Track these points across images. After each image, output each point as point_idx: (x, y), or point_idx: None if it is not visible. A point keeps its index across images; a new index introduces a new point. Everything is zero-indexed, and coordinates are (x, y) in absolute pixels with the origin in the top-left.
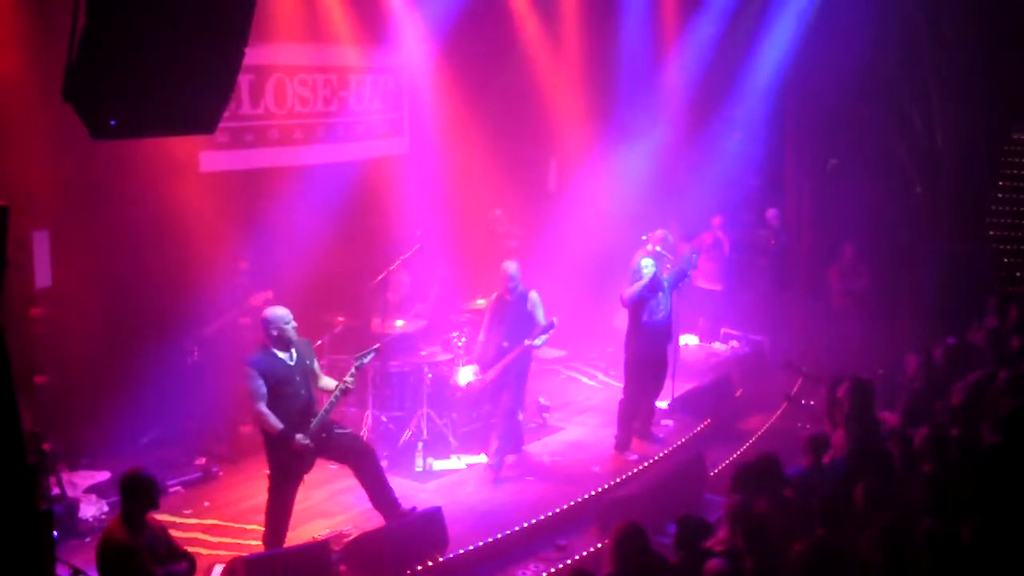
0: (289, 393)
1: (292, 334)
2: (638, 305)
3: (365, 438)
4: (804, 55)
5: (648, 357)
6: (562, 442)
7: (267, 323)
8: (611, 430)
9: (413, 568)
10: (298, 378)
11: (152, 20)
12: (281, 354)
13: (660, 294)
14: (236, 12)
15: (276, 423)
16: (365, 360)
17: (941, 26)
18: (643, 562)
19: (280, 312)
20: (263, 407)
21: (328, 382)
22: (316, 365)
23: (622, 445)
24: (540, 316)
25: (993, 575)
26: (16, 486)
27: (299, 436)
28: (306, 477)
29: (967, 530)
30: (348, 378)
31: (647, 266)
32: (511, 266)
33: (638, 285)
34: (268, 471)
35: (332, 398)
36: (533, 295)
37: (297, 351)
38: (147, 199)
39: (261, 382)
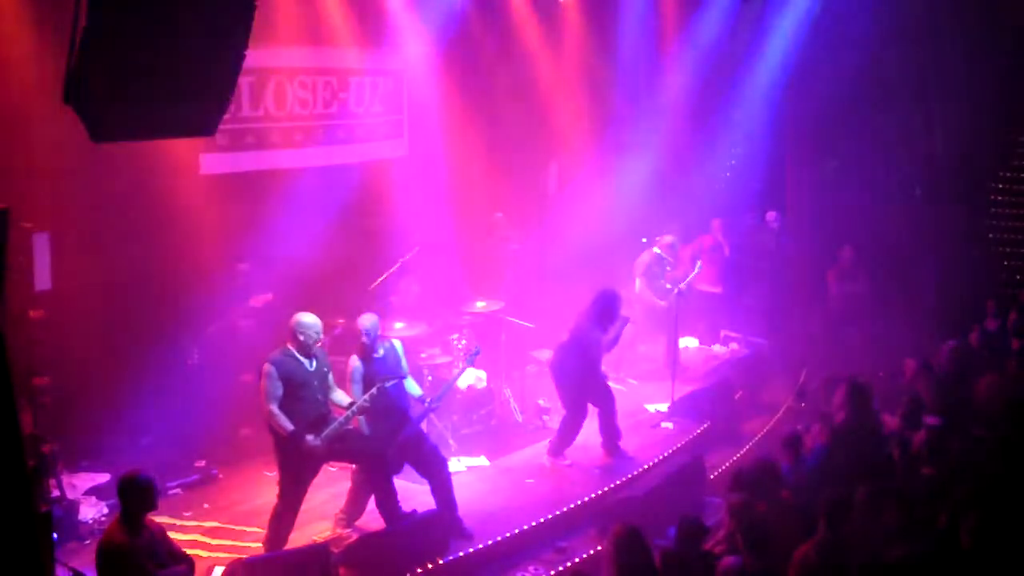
0: (305, 398)
1: (317, 340)
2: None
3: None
4: (805, 56)
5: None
6: None
7: (299, 327)
8: None
9: (413, 570)
10: (316, 383)
11: (152, 22)
12: (302, 359)
13: None
14: (236, 14)
15: (287, 423)
16: (388, 385)
17: (941, 30)
18: (641, 565)
19: (312, 319)
20: (275, 407)
21: (341, 396)
22: (331, 377)
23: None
24: (405, 366)
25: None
26: (15, 488)
27: (309, 437)
28: None
29: (966, 531)
30: (367, 397)
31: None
32: (368, 319)
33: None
34: (277, 476)
35: (349, 413)
36: (398, 345)
37: (317, 359)
38: (147, 201)
39: (279, 383)
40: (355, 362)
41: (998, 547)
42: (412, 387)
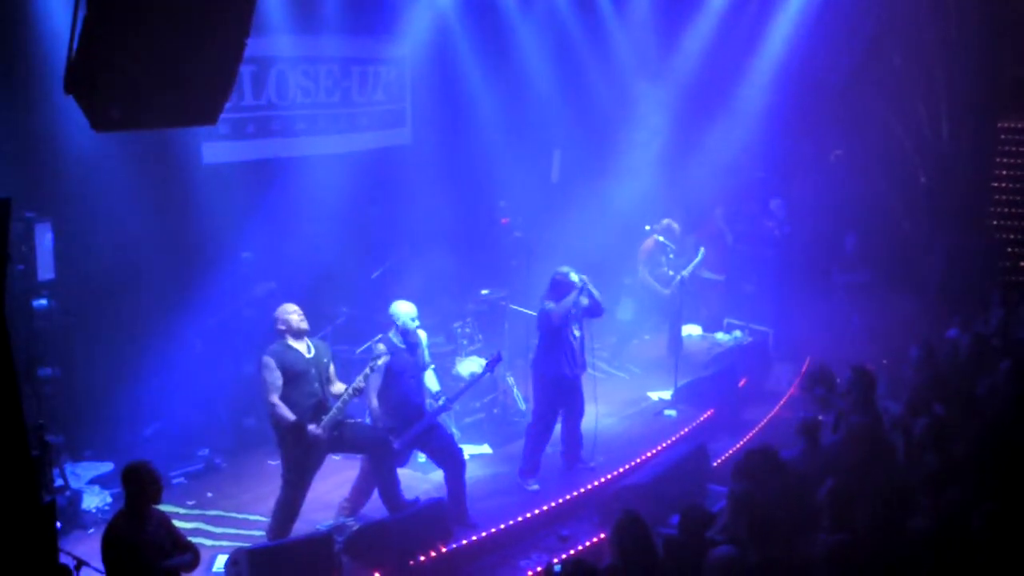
0: (304, 386)
1: (301, 324)
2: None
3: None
4: (809, 44)
5: (561, 376)
6: None
7: (277, 319)
8: (615, 419)
9: (416, 559)
10: (313, 371)
11: (153, 11)
12: (297, 345)
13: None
14: (238, 3)
15: (289, 414)
16: (378, 364)
17: (945, 16)
18: (643, 552)
19: (283, 306)
20: (276, 399)
21: (341, 387)
22: (332, 368)
23: (525, 472)
24: (427, 357)
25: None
26: (19, 478)
27: (311, 427)
28: None
29: (977, 519)
30: (360, 379)
31: (577, 280)
32: (406, 307)
33: (570, 299)
34: (282, 467)
35: (344, 396)
36: (423, 335)
37: (314, 345)
38: (149, 190)
39: (278, 373)
40: (380, 348)
41: (1011, 537)
42: (431, 381)
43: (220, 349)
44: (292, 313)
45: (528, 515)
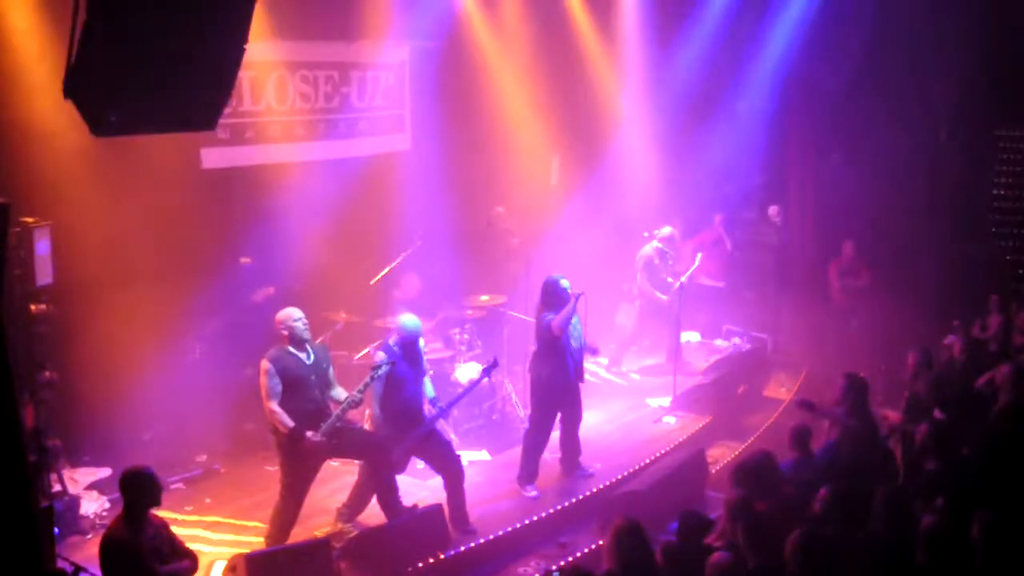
0: (303, 393)
1: (304, 333)
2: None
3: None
4: (807, 50)
5: (560, 383)
6: None
7: (281, 324)
8: (614, 426)
9: (414, 565)
10: (313, 378)
11: (152, 16)
12: (298, 353)
13: (575, 318)
14: (237, 8)
15: (288, 420)
16: (379, 373)
17: (943, 21)
18: (641, 558)
19: (290, 310)
20: (275, 405)
21: (340, 392)
22: (331, 372)
23: (524, 479)
24: (425, 365)
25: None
26: (17, 483)
27: (310, 433)
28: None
29: (977, 526)
30: (360, 389)
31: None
32: (410, 320)
33: (569, 308)
34: (280, 473)
35: (344, 406)
36: (421, 343)
37: (314, 352)
38: (148, 195)
39: (277, 380)
40: (380, 357)
41: (1011, 541)
42: (427, 388)
43: (219, 354)
44: (297, 321)
45: (527, 522)
